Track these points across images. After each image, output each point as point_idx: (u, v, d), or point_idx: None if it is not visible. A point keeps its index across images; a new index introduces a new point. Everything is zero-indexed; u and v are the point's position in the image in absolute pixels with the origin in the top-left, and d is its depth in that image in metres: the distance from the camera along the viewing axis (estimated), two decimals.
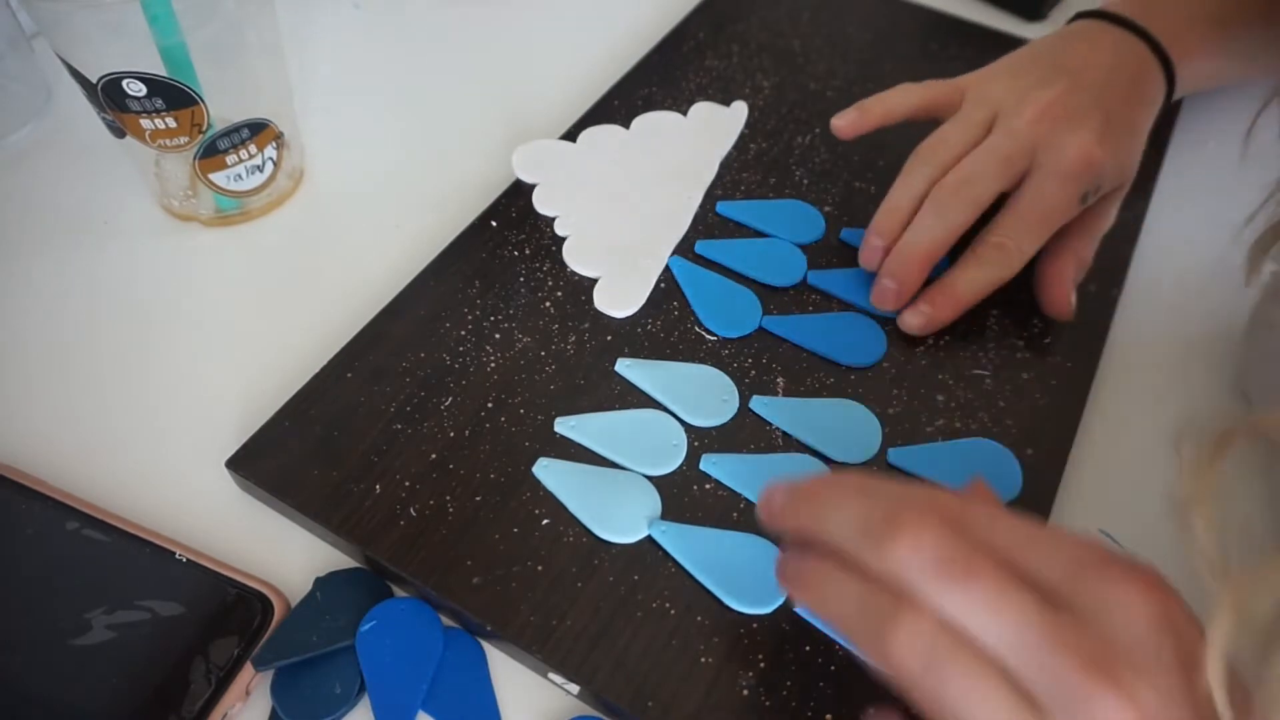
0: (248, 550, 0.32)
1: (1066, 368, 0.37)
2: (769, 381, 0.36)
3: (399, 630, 0.30)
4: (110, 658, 0.29)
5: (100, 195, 0.44)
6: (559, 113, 0.47)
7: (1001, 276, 0.37)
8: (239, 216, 0.43)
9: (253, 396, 0.36)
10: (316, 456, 0.33)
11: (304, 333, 0.38)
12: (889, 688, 0.22)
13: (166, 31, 0.34)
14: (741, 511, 0.32)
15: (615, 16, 0.55)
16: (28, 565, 0.31)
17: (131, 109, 0.36)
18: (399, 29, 0.54)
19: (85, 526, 0.32)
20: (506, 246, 0.40)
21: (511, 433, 0.34)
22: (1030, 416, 0.35)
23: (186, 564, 0.31)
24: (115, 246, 0.42)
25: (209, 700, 0.28)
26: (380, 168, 0.46)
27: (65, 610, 0.30)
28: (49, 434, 0.36)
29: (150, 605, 0.30)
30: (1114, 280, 0.40)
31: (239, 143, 0.40)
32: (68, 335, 0.39)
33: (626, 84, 0.48)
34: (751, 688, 0.28)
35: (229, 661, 0.29)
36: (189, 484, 0.34)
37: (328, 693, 0.29)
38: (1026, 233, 0.37)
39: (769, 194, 0.43)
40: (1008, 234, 0.37)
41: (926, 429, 0.35)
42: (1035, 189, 0.37)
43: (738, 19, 0.53)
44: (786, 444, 0.34)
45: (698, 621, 0.30)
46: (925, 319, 0.37)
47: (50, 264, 0.41)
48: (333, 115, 0.48)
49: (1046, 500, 0.33)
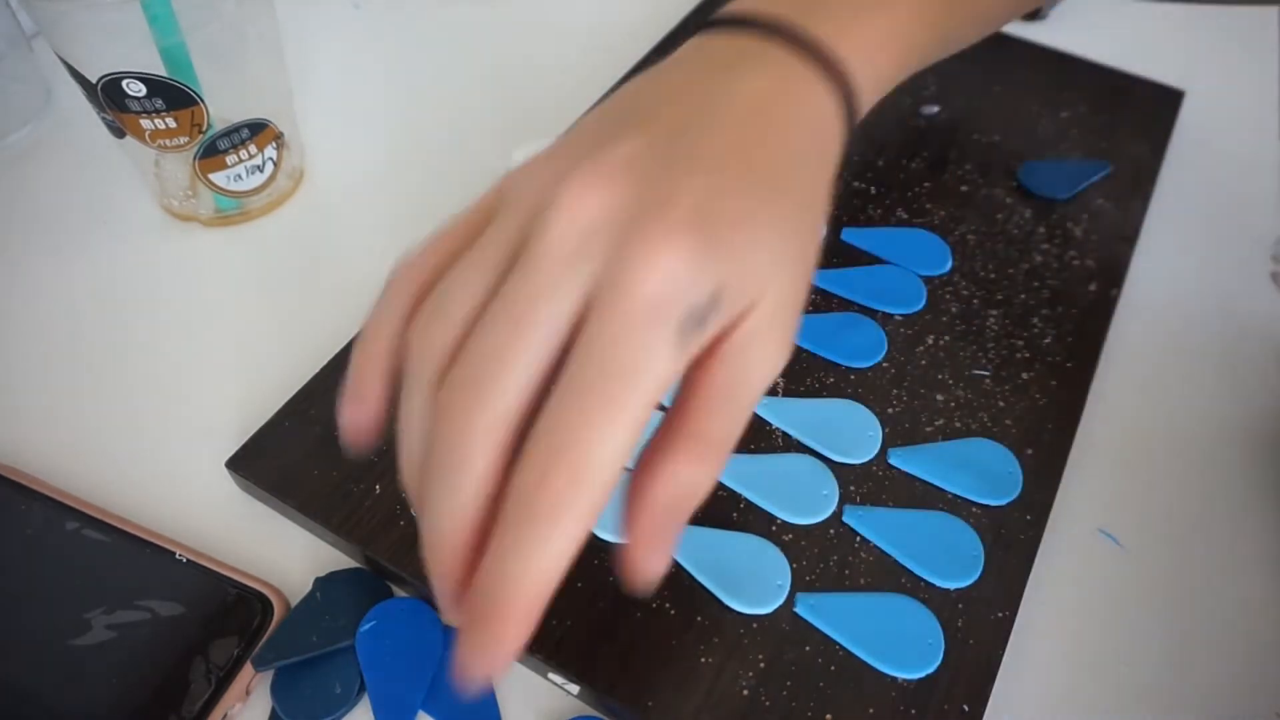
0: (248, 550, 0.32)
1: (1066, 368, 0.37)
2: None
3: (399, 630, 0.30)
4: (110, 658, 0.29)
5: (100, 195, 0.44)
6: (559, 113, 0.47)
7: (570, 535, 0.19)
8: (239, 216, 0.43)
9: (253, 396, 0.36)
10: (316, 456, 0.33)
11: (304, 333, 0.38)
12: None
13: (166, 31, 0.34)
14: (741, 511, 0.32)
15: (615, 16, 0.55)
16: (28, 565, 0.31)
17: (131, 109, 0.36)
18: (399, 29, 0.54)
19: (85, 526, 0.32)
20: None
21: None
22: (1030, 416, 0.35)
23: (186, 564, 0.31)
24: (115, 246, 0.42)
25: (209, 700, 0.28)
26: (380, 168, 0.46)
27: (65, 610, 0.30)
28: (49, 434, 0.36)
29: (150, 605, 0.30)
30: (1114, 280, 0.40)
31: (239, 143, 0.40)
32: (67, 335, 0.39)
33: None
34: (751, 688, 0.28)
35: (229, 661, 0.29)
36: (189, 484, 0.34)
37: (328, 693, 0.29)
38: (583, 426, 0.19)
39: None
40: (552, 440, 0.20)
41: (926, 429, 0.35)
42: (584, 352, 0.20)
43: None
44: (786, 444, 0.34)
45: (698, 621, 0.30)
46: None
47: (50, 264, 0.41)
48: (333, 115, 0.48)
49: (1046, 500, 0.33)
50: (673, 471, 0.21)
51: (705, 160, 0.22)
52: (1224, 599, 0.32)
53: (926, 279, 0.40)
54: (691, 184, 0.21)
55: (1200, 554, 0.33)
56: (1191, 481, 0.35)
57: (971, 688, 0.28)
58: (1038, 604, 0.31)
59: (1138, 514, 0.34)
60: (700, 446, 0.21)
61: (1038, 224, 0.42)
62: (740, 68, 0.24)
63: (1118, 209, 0.43)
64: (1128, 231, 0.42)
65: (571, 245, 0.20)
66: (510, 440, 0.20)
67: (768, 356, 0.22)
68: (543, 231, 0.21)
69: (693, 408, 0.21)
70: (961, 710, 0.28)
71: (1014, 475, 0.33)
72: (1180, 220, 0.44)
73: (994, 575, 0.31)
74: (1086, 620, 0.32)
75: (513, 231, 0.21)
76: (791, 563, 0.31)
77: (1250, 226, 0.44)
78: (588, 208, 0.21)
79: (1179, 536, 0.34)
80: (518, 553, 0.19)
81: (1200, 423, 0.37)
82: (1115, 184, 0.44)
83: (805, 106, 0.25)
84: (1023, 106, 0.48)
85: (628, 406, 0.20)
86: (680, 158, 0.22)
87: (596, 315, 0.20)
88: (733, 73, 0.24)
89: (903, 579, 0.31)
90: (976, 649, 0.29)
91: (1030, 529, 0.32)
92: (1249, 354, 0.39)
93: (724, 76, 0.24)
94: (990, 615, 0.30)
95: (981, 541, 0.32)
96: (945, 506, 0.33)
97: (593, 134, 0.23)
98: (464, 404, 0.20)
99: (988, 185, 0.44)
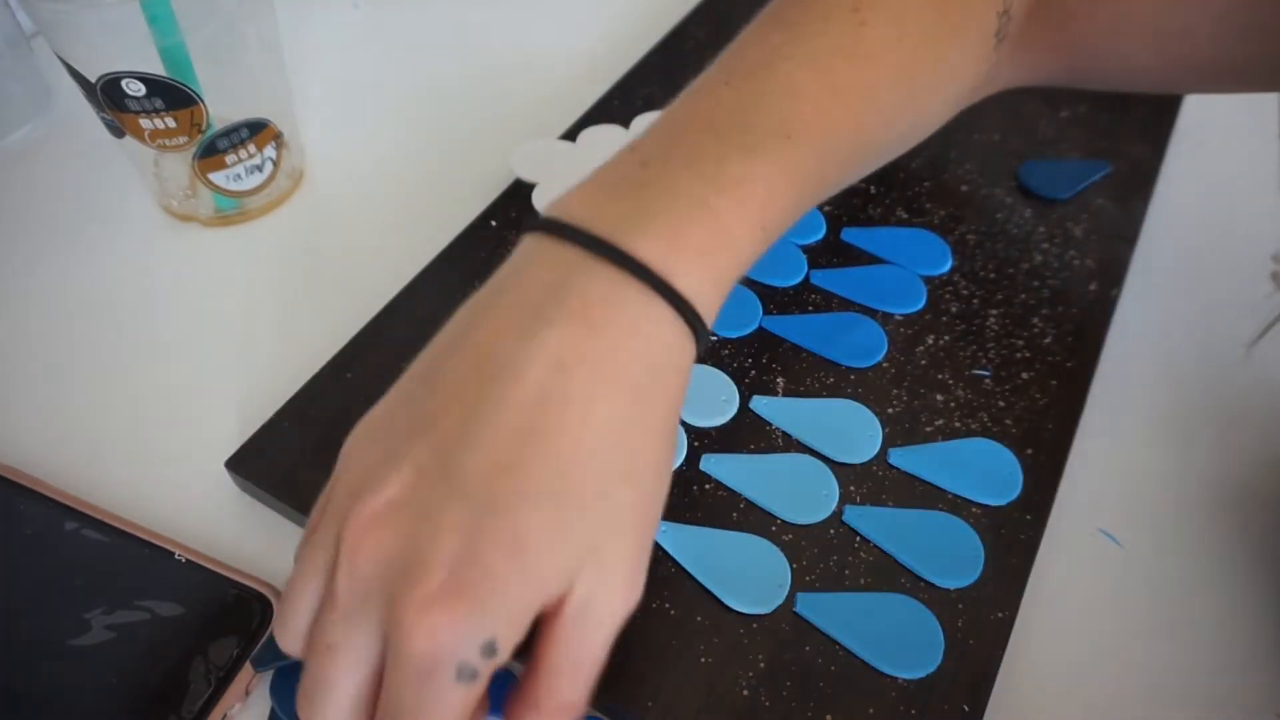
0: (248, 550, 0.32)
1: (1066, 368, 0.37)
2: (769, 381, 0.36)
3: None
4: (110, 658, 0.29)
5: (100, 195, 0.44)
6: (559, 113, 0.47)
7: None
8: (238, 216, 0.43)
9: (253, 396, 0.36)
10: (316, 456, 0.33)
11: (304, 333, 0.38)
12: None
13: (166, 31, 0.34)
14: (741, 511, 0.32)
15: (615, 16, 0.55)
16: (27, 565, 0.31)
17: (131, 109, 0.36)
18: (398, 29, 0.54)
19: (85, 526, 0.32)
20: (506, 246, 0.40)
21: None
22: (1030, 416, 0.35)
23: (186, 564, 0.31)
24: (115, 246, 0.42)
25: (208, 700, 0.28)
26: (380, 168, 0.46)
27: (65, 610, 0.30)
28: (49, 434, 0.36)
29: (150, 605, 0.30)
30: (1114, 280, 0.40)
31: (238, 143, 0.40)
32: (67, 335, 0.39)
33: (626, 84, 0.48)
34: (751, 688, 0.28)
35: (228, 661, 0.29)
36: (189, 484, 0.34)
37: None
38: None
39: None
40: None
41: (926, 429, 0.35)
42: (384, 693, 0.21)
43: (738, 19, 0.52)
44: (786, 444, 0.34)
45: (698, 621, 0.30)
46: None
47: (50, 264, 0.41)
48: (333, 115, 0.48)
49: (1046, 500, 0.33)
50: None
51: (475, 485, 0.21)
52: (1224, 599, 0.32)
53: (926, 279, 0.40)
54: (454, 528, 0.21)
55: (1200, 554, 0.33)
56: (1191, 482, 0.35)
57: (971, 688, 0.28)
58: (1038, 604, 0.31)
59: (1138, 514, 0.34)
60: (550, 711, 0.22)
61: (1038, 224, 0.42)
62: (553, 308, 0.23)
63: (1118, 209, 0.43)
64: (1128, 231, 0.42)
65: (356, 597, 0.21)
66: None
67: (600, 620, 0.22)
68: (333, 578, 0.22)
69: (539, 675, 0.22)
70: (961, 710, 0.28)
71: (1014, 475, 0.33)
72: (1180, 220, 0.44)
73: (994, 575, 0.31)
74: (1086, 620, 0.32)
75: (326, 553, 0.22)
76: (791, 563, 0.31)
77: (1250, 227, 0.44)
78: (362, 559, 0.21)
79: (1179, 536, 0.34)
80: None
81: (1200, 423, 0.37)
82: (1115, 184, 0.44)
83: (629, 347, 0.23)
84: (1023, 106, 0.48)
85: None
86: (452, 486, 0.21)
87: (388, 661, 0.21)
88: (539, 320, 0.22)
89: (903, 579, 0.31)
90: (976, 649, 0.29)
91: (1030, 529, 0.32)
92: (1249, 354, 0.39)
93: (529, 328, 0.22)
94: (990, 615, 0.30)
95: (981, 541, 0.32)
96: (945, 506, 0.33)
97: (386, 429, 0.23)
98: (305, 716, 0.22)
99: (988, 185, 0.44)
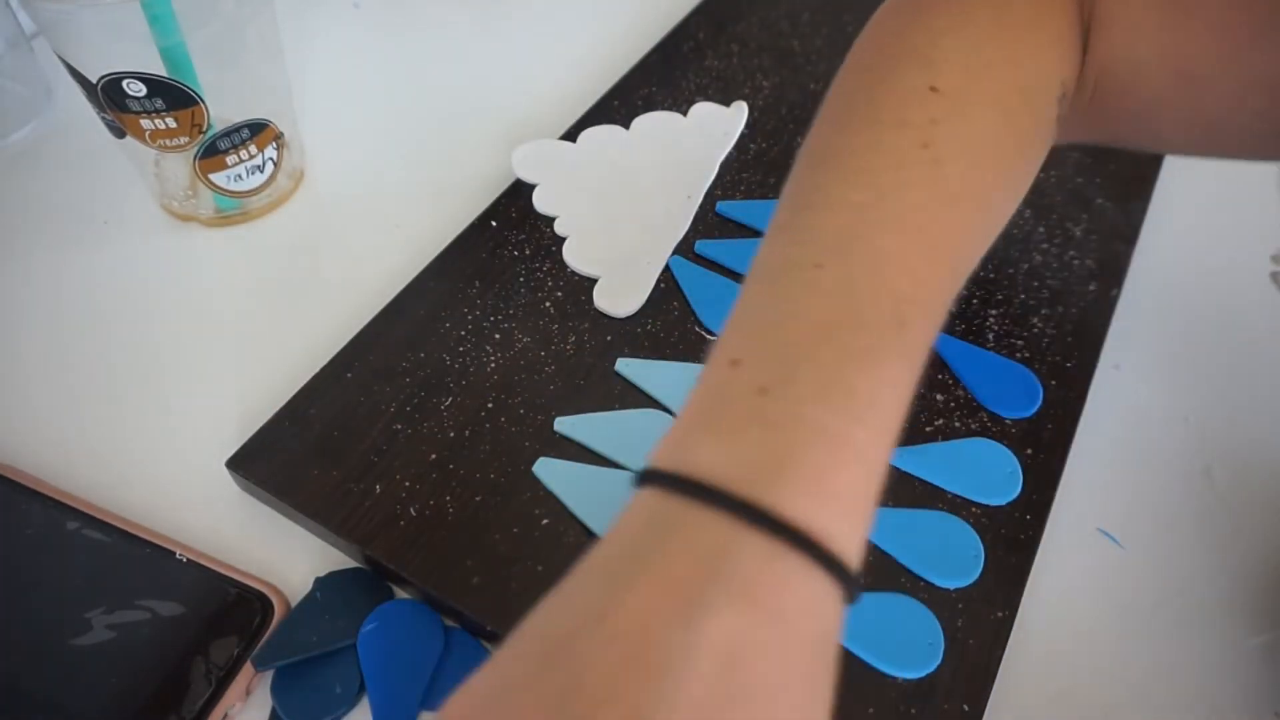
0: (248, 550, 0.32)
1: (1066, 368, 0.37)
2: None
3: (399, 631, 0.30)
4: (110, 658, 0.29)
5: (100, 195, 0.44)
6: (559, 113, 0.47)
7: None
8: (239, 217, 0.43)
9: (253, 396, 0.36)
10: (316, 456, 0.33)
11: (304, 333, 0.38)
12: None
13: (166, 32, 0.34)
14: None
15: (615, 16, 0.55)
16: (28, 565, 0.31)
17: (131, 109, 0.36)
18: (399, 29, 0.54)
19: (85, 526, 0.32)
20: (506, 246, 0.40)
21: (511, 432, 0.34)
22: (1030, 416, 0.35)
23: (187, 564, 0.31)
24: (115, 246, 0.42)
25: (209, 700, 0.28)
26: (380, 168, 0.46)
27: (65, 610, 0.30)
28: (49, 434, 0.36)
29: (150, 605, 0.30)
30: (1114, 280, 0.40)
31: (239, 143, 0.40)
32: (68, 335, 0.39)
33: (626, 84, 0.48)
34: None
35: (229, 661, 0.29)
36: (189, 484, 0.34)
37: (328, 693, 0.29)
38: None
39: (769, 194, 0.43)
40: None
41: (926, 429, 0.35)
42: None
43: (738, 19, 0.53)
44: None
45: None
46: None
47: (50, 264, 0.41)
48: (333, 115, 0.48)
49: (1046, 500, 0.33)
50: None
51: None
52: (1223, 598, 0.32)
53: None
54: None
55: (1200, 554, 0.33)
56: (1191, 481, 0.35)
57: (971, 688, 0.28)
58: (1038, 604, 0.31)
59: (1138, 514, 0.34)
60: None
61: (1038, 224, 0.42)
62: (713, 590, 0.18)
63: (1118, 209, 0.43)
64: (1128, 231, 0.42)
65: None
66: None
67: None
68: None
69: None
70: (961, 710, 0.28)
71: (1014, 475, 0.33)
72: (1180, 220, 0.44)
73: (994, 575, 0.31)
74: (1086, 620, 0.32)
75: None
76: None
77: (1250, 227, 0.44)
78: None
79: (1179, 536, 0.34)
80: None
81: (1200, 422, 0.37)
82: (1115, 184, 0.44)
83: (802, 631, 0.19)
84: None
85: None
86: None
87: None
88: (699, 605, 0.18)
89: (902, 579, 0.31)
90: (976, 649, 0.29)
91: (1030, 529, 0.32)
92: (1249, 354, 0.39)
93: (690, 615, 0.18)
94: (990, 615, 0.30)
95: (981, 541, 0.32)
96: (945, 506, 0.33)
97: (508, 715, 0.18)
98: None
99: None
